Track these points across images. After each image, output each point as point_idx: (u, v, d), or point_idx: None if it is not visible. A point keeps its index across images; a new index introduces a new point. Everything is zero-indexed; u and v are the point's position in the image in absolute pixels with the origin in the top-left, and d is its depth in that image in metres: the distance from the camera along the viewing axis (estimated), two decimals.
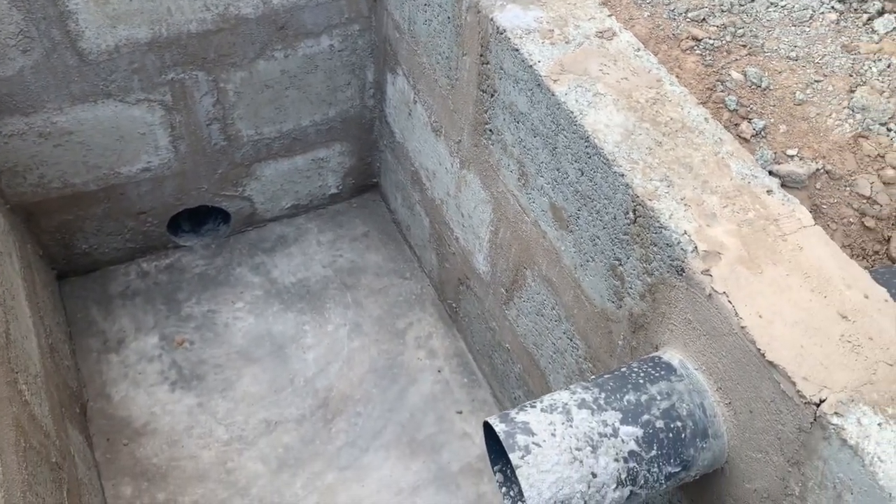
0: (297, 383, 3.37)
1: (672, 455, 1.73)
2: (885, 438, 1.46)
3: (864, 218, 2.21)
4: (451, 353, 3.50)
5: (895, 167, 2.23)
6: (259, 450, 3.18)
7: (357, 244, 3.83)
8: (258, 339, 3.49)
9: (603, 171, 1.95)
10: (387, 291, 3.68)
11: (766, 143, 2.28)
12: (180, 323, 3.52)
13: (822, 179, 2.24)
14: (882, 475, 1.42)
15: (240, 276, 3.68)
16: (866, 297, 1.66)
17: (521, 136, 2.31)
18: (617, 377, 1.83)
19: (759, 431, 1.67)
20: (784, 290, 1.67)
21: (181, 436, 3.20)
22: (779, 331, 1.60)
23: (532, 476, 1.65)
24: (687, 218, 1.79)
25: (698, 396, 1.77)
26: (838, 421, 1.48)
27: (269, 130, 3.36)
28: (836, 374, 1.54)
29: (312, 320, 3.56)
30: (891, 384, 1.53)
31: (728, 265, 1.71)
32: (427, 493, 3.10)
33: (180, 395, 3.31)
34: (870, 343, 1.59)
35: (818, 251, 1.74)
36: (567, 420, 1.73)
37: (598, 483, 1.68)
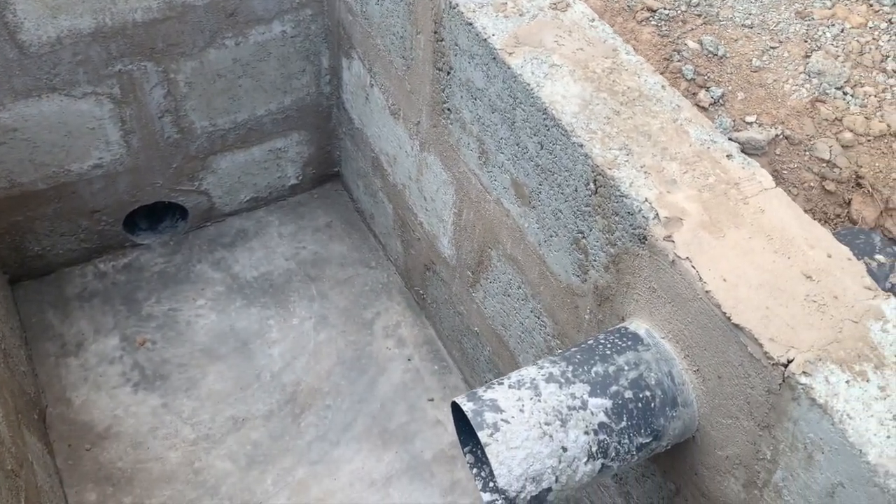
0: (263, 379, 3.30)
1: (642, 425, 1.71)
2: (854, 395, 1.45)
3: (824, 182, 2.21)
4: (421, 341, 3.46)
5: (853, 130, 2.23)
6: (227, 448, 3.11)
7: (320, 235, 3.76)
8: (222, 336, 3.41)
9: (562, 142, 1.92)
10: (352, 282, 3.62)
11: (724, 111, 2.27)
12: (141, 323, 3.43)
13: (781, 145, 2.23)
14: (852, 432, 1.40)
15: (200, 273, 3.60)
16: (829, 257, 1.65)
17: (479, 114, 2.27)
18: (584, 350, 1.80)
19: (729, 397, 1.65)
20: (747, 252, 1.65)
21: (146, 437, 3.11)
22: (743, 293, 1.58)
23: (502, 453, 1.62)
24: (647, 185, 1.76)
25: (666, 365, 1.75)
26: (806, 380, 1.46)
27: (224, 121, 3.28)
28: (803, 333, 1.52)
29: (277, 314, 3.49)
30: (857, 342, 1.52)
31: (690, 230, 1.69)
32: (401, 484, 3.06)
33: (144, 396, 3.22)
34: (835, 302, 1.58)
35: (780, 213, 1.72)
36: (535, 395, 1.70)
37: (568, 457, 1.65)
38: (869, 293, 1.59)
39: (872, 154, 2.21)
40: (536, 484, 1.63)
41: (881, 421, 1.42)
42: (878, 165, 2.20)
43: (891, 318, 1.56)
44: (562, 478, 1.66)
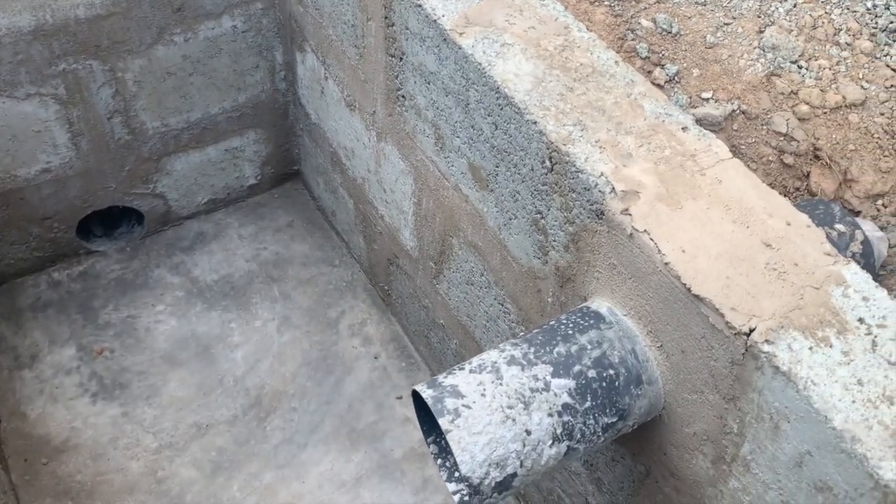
0: (226, 383, 3.21)
1: (607, 405, 1.67)
2: (817, 362, 1.42)
3: (782, 155, 2.20)
4: (388, 338, 3.40)
5: (809, 103, 2.21)
6: (191, 455, 3.02)
7: (281, 235, 3.69)
8: (182, 342, 3.32)
9: (516, 121, 1.88)
10: (315, 281, 3.55)
11: (680, 88, 2.24)
12: (98, 331, 3.33)
13: (738, 120, 2.21)
14: (817, 398, 1.37)
15: (159, 278, 3.51)
16: (789, 225, 1.62)
17: (433, 98, 2.22)
18: (546, 331, 1.76)
19: (693, 371, 1.62)
20: (706, 223, 1.62)
21: (106, 449, 3.02)
22: (703, 264, 1.55)
23: (464, 439, 1.56)
24: (603, 160, 1.73)
25: (629, 342, 1.71)
26: (769, 349, 1.43)
27: (176, 121, 3.20)
28: (764, 302, 1.49)
29: (239, 317, 3.41)
30: (819, 307, 1.49)
31: (647, 203, 1.65)
32: (371, 483, 3.00)
33: (103, 407, 3.12)
34: (795, 269, 1.55)
35: (738, 182, 1.70)
36: (497, 378, 1.65)
37: (533, 440, 1.61)
38: (829, 259, 1.57)
39: (829, 126, 2.20)
40: (501, 469, 1.58)
41: (845, 386, 1.39)
42: (835, 137, 2.18)
43: (852, 282, 1.53)
44: (527, 462, 1.61)
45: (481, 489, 1.58)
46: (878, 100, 2.23)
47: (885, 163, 2.15)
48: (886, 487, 1.29)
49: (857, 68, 2.29)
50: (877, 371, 1.41)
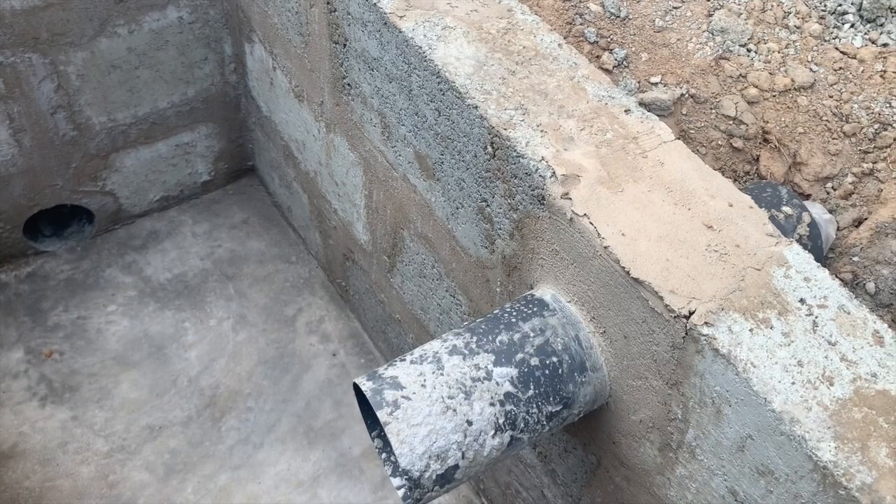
0: (180, 384, 3.14)
1: (551, 393, 1.63)
2: (758, 344, 1.39)
3: (732, 139, 2.17)
4: (346, 335, 3.35)
5: (758, 86, 2.19)
6: (143, 458, 2.94)
7: (236, 232, 3.62)
8: (135, 343, 3.24)
9: (458, 106, 1.83)
10: (272, 278, 3.49)
11: (628, 73, 2.21)
12: (47, 334, 3.24)
13: (687, 104, 2.19)
14: (756, 380, 1.34)
15: (110, 278, 3.42)
16: (731, 206, 1.60)
17: (377, 85, 2.17)
18: (489, 320, 1.72)
19: (636, 357, 1.59)
20: (646, 205, 1.59)
21: (55, 453, 2.93)
22: (643, 247, 1.52)
23: (402, 431, 1.52)
24: (544, 144, 1.69)
25: (573, 329, 1.68)
26: (709, 331, 1.40)
27: (124, 116, 3.12)
28: (704, 284, 1.46)
29: (193, 316, 3.33)
30: (760, 289, 1.46)
31: (588, 187, 1.62)
32: (329, 482, 2.94)
33: (52, 411, 3.03)
34: (737, 250, 1.52)
35: (680, 165, 1.67)
36: (438, 369, 1.61)
37: (474, 431, 1.56)
38: (771, 240, 1.54)
39: (778, 109, 2.18)
40: (441, 462, 1.54)
41: (785, 367, 1.36)
42: (784, 120, 2.17)
43: (794, 263, 1.51)
44: (468, 453, 1.57)
45: (422, 482, 1.54)
46: (826, 82, 2.22)
47: (833, 145, 2.14)
48: (825, 469, 1.27)
49: (806, 51, 2.28)
50: (817, 352, 1.39)
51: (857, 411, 1.32)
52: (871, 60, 2.24)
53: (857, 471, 1.26)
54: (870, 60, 2.24)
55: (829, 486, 1.27)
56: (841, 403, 1.33)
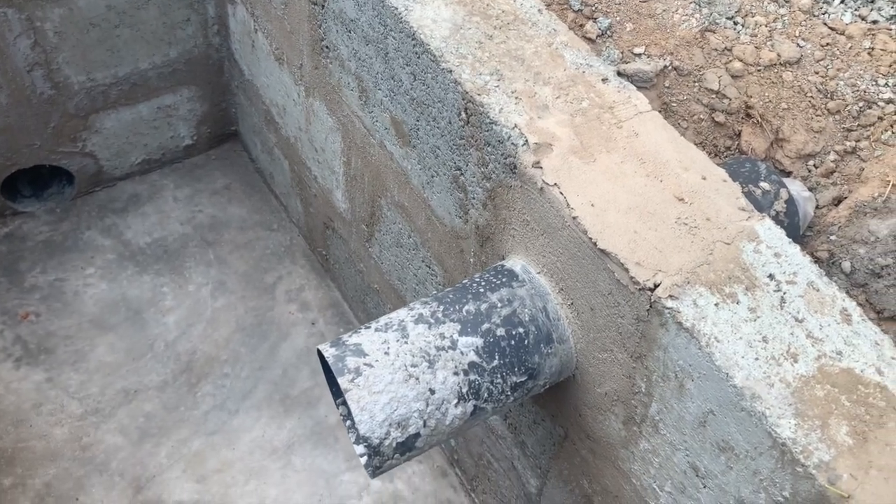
0: (157, 349, 3.12)
1: (516, 364, 1.61)
2: (722, 318, 1.37)
3: (714, 113, 2.14)
4: (326, 304, 3.32)
5: (742, 60, 2.15)
6: (118, 421, 2.93)
7: (218, 198, 3.58)
8: (112, 306, 3.21)
9: (432, 70, 1.79)
10: (253, 245, 3.46)
11: (612, 43, 2.17)
12: (24, 295, 3.21)
13: (670, 77, 2.15)
14: (719, 355, 1.33)
15: (89, 241, 3.39)
16: (704, 179, 1.57)
17: (355, 48, 2.12)
18: (458, 289, 1.69)
19: (602, 329, 1.57)
20: (618, 176, 1.56)
21: (29, 415, 2.92)
22: (612, 218, 1.49)
23: (363, 399, 1.50)
24: (518, 111, 1.65)
25: (540, 300, 1.66)
26: (673, 304, 1.38)
27: (103, 76, 3.07)
28: (672, 257, 1.44)
29: (171, 281, 3.30)
30: (728, 263, 1.44)
31: (560, 156, 1.58)
32: (304, 450, 2.93)
33: (26, 372, 3.02)
34: (707, 224, 1.50)
35: (654, 136, 1.64)
36: (402, 337, 1.58)
37: (437, 399, 1.55)
38: (743, 214, 1.52)
39: (762, 84, 2.14)
40: (402, 429, 1.53)
41: (750, 343, 1.34)
42: (768, 95, 2.13)
43: (764, 238, 1.48)
44: (430, 422, 1.55)
45: (382, 450, 1.52)
46: (813, 58, 2.18)
47: (817, 122, 2.10)
48: (784, 446, 1.25)
49: (794, 26, 2.24)
50: (783, 328, 1.37)
51: (820, 389, 1.31)
52: (860, 37, 2.20)
53: (816, 448, 1.24)
54: (858, 37, 2.20)
55: (787, 462, 1.26)
56: (804, 381, 1.31)
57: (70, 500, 2.74)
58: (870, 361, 1.35)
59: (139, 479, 2.80)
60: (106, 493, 2.77)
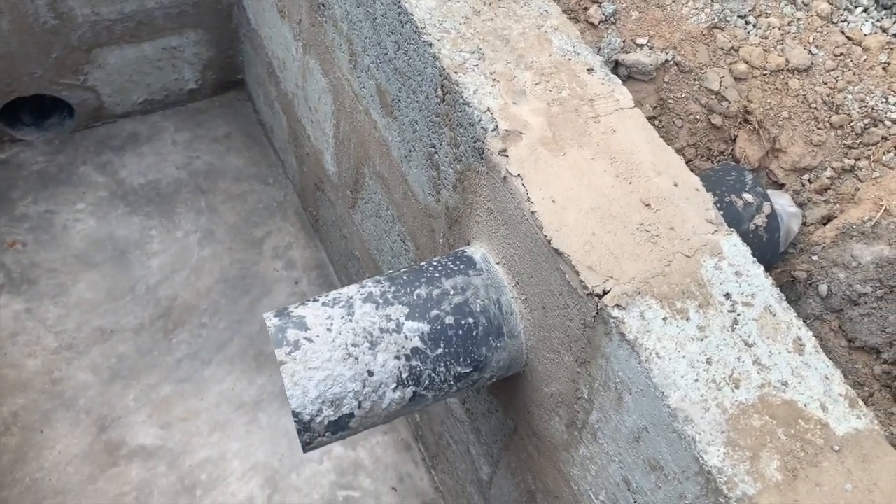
0: (138, 291, 3.12)
1: (462, 354, 1.57)
2: (668, 334, 1.31)
3: (711, 115, 2.05)
4: (312, 265, 3.30)
5: (748, 62, 2.06)
6: (90, 359, 2.94)
7: (217, 146, 3.55)
8: (99, 243, 3.21)
9: (414, 42, 1.73)
10: (245, 198, 3.43)
11: (615, 30, 2.08)
12: (13, 223, 3.21)
13: (671, 72, 2.06)
14: (657, 372, 1.27)
15: (84, 175, 3.37)
16: (675, 185, 1.50)
17: (347, 9, 2.06)
18: (413, 271, 1.65)
19: (552, 329, 1.52)
20: (586, 174, 1.49)
21: (4, 343, 2.93)
22: (571, 217, 1.43)
23: (298, 373, 1.47)
24: (493, 94, 1.59)
25: (495, 292, 1.61)
26: (619, 314, 1.33)
27: (109, 11, 3.02)
28: (626, 264, 1.38)
29: (160, 225, 3.29)
30: (685, 277, 1.38)
31: (528, 146, 1.52)
32: (271, 408, 2.93)
33: (7, 300, 3.03)
34: (670, 233, 1.43)
35: (632, 135, 1.56)
36: (348, 314, 1.55)
37: (374, 382, 1.51)
38: (710, 227, 1.45)
39: (765, 89, 2.05)
40: (335, 408, 1.50)
41: (692, 363, 1.29)
42: (770, 102, 2.04)
43: (728, 255, 1.42)
44: (365, 404, 1.52)
45: (313, 427, 1.49)
46: (823, 67, 2.08)
47: (817, 135, 2.01)
48: (709, 474, 1.21)
49: (809, 31, 2.13)
50: (730, 351, 1.31)
51: (758, 419, 1.25)
52: (877, 50, 2.10)
53: (742, 480, 1.19)
54: (875, 50, 2.10)
55: (711, 491, 1.21)
56: (742, 408, 1.26)
57: (35, 431, 2.77)
58: (815, 396, 1.29)
59: (104, 419, 2.82)
60: (70, 429, 2.79)
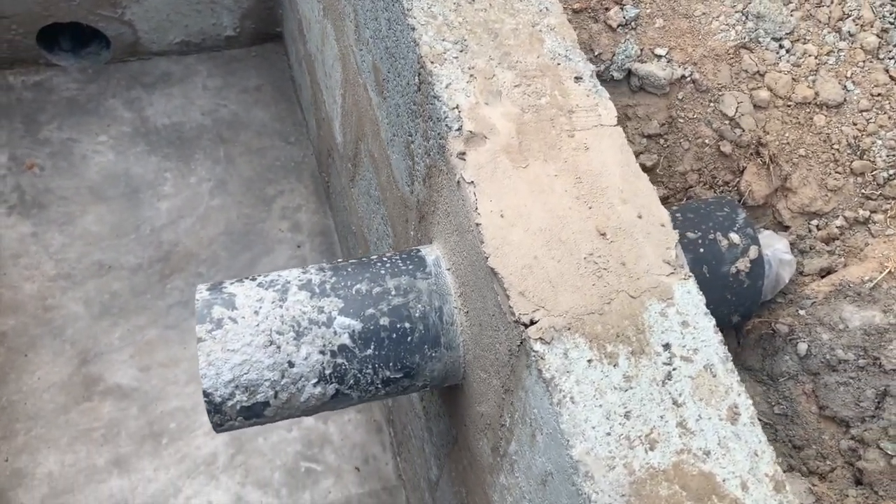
0: (142, 231, 3.13)
1: (392, 359, 1.50)
2: (590, 378, 1.21)
3: (721, 142, 1.90)
4: (317, 231, 3.26)
5: (772, 89, 1.90)
6: (85, 292, 2.98)
7: (246, 97, 3.51)
8: (113, 178, 3.23)
9: (401, 23, 1.63)
10: (265, 153, 3.40)
11: (633, 36, 1.94)
12: (35, 146, 3.25)
13: (686, 89, 1.92)
14: (567, 418, 1.18)
15: (111, 108, 3.39)
16: (639, 217, 1.38)
17: None
18: (360, 264, 1.58)
19: (485, 348, 1.43)
20: (544, 191, 1.39)
21: (6, 263, 2.99)
22: (516, 236, 1.33)
23: (214, 353, 1.42)
24: (466, 91, 1.49)
25: (439, 300, 1.52)
26: (541, 348, 1.23)
27: None
28: (563, 296, 1.28)
29: (176, 169, 3.29)
30: (623, 318, 1.27)
31: (489, 152, 1.42)
32: None
33: (15, 221, 3.08)
34: (620, 269, 1.32)
35: (606, 156, 1.45)
36: (280, 299, 1.49)
37: (294, 374, 1.46)
38: (666, 268, 1.34)
39: (786, 122, 1.89)
40: (250, 395, 1.45)
41: (608, 414, 1.19)
42: (788, 136, 1.88)
43: (679, 301, 1.30)
44: (282, 394, 1.46)
45: (224, 409, 1.45)
46: (857, 106, 1.90)
47: (834, 179, 1.85)
48: None
49: (849, 65, 1.95)
50: (654, 408, 1.21)
51: (666, 488, 1.15)
52: None
53: None
54: None
55: None
56: (651, 473, 1.16)
57: (20, 354, 2.82)
58: (738, 472, 1.18)
59: (87, 353, 2.85)
60: (53, 357, 2.83)
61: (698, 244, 1.62)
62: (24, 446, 2.66)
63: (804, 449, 1.61)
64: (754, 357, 1.74)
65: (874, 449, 1.55)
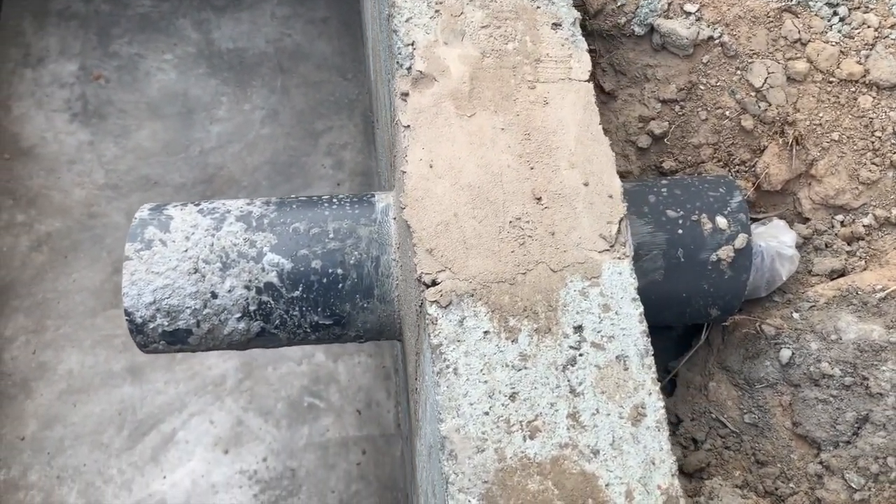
0: (191, 152, 3.19)
1: (321, 304, 1.44)
2: (481, 351, 1.11)
3: (743, 115, 1.69)
4: (360, 171, 3.21)
5: (813, 62, 1.66)
6: (129, 204, 3.07)
7: (311, 28, 3.48)
8: (172, 97, 3.29)
9: None
10: (320, 87, 3.36)
11: None
12: (105, 58, 3.36)
13: (713, 52, 1.70)
14: (444, 389, 1.08)
15: (180, 28, 3.44)
16: (585, 185, 1.24)
17: None
18: (308, 202, 1.51)
19: (408, 304, 1.34)
20: (485, 144, 1.27)
21: (61, 167, 3.12)
22: (441, 189, 1.23)
23: (138, 273, 1.40)
24: (427, 28, 1.37)
25: (378, 249, 1.44)
26: (435, 312, 1.13)
27: None
28: (475, 259, 1.17)
29: (232, 94, 3.31)
30: (536, 293, 1.15)
31: (434, 96, 1.31)
32: None
33: (76, 128, 3.20)
34: (547, 238, 1.19)
35: (565, 112, 1.30)
36: (215, 228, 1.45)
37: (217, 305, 1.42)
38: (601, 244, 1.20)
39: (822, 100, 1.65)
40: (171, 320, 1.42)
41: (492, 392, 1.08)
42: (822, 116, 1.64)
43: (605, 283, 1.17)
44: (204, 324, 1.43)
45: (145, 331, 1.44)
46: None
47: (868, 171, 1.61)
48: None
49: None
50: (545, 393, 1.09)
51: (538, 482, 1.04)
52: None
53: None
54: None
55: None
56: (524, 464, 1.05)
57: (60, 255, 2.96)
58: (626, 479, 1.05)
59: (120, 263, 2.95)
60: (91, 262, 2.95)
61: (677, 224, 1.44)
62: (51, 342, 2.81)
63: (767, 466, 1.43)
64: (734, 357, 1.56)
65: (838, 479, 1.35)
